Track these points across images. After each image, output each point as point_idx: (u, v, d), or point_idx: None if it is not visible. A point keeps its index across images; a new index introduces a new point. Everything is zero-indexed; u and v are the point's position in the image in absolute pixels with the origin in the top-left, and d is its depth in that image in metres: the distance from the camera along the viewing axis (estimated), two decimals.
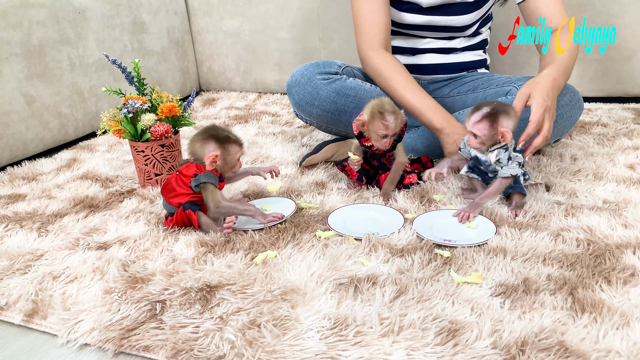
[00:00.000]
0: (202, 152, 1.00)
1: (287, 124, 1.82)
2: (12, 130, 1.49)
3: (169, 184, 1.02)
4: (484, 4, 1.34)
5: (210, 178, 0.99)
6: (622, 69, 1.80)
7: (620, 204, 1.05)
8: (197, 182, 0.99)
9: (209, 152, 0.99)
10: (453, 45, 1.41)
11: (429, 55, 1.42)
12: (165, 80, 2.14)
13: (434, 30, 1.37)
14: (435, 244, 0.93)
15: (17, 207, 1.18)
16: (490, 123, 1.00)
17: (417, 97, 1.26)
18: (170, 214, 1.03)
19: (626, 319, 0.71)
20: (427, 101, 1.25)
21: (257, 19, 2.21)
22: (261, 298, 0.80)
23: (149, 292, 0.83)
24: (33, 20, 1.54)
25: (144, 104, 1.21)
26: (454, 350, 0.67)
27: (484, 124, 1.00)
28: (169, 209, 1.03)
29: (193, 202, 1.01)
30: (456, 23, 1.34)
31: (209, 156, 0.99)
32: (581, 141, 1.45)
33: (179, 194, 1.00)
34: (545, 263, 0.86)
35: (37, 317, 0.80)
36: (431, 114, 1.24)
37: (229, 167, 1.03)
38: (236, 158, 1.03)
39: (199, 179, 0.99)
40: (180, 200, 1.00)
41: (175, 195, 1.01)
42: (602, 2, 1.73)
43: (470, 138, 1.04)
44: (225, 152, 1.01)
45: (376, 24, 1.31)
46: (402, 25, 1.38)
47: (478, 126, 1.01)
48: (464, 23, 1.34)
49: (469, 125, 1.02)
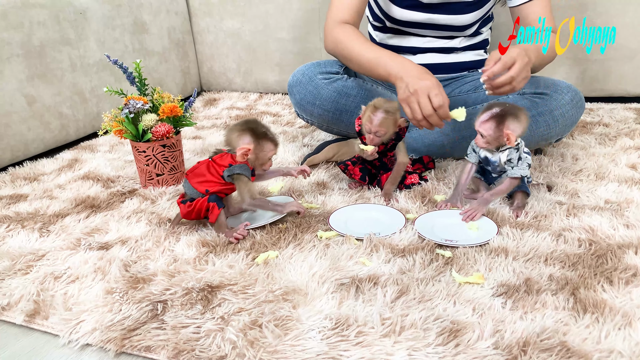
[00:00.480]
0: (237, 142, 1.00)
1: (288, 124, 1.82)
2: (13, 130, 1.49)
3: (198, 169, 1.01)
4: (484, 3, 1.34)
5: (245, 170, 1.00)
6: (623, 69, 1.80)
7: (622, 204, 1.05)
8: (230, 173, 0.99)
9: (243, 144, 0.99)
10: (453, 45, 1.41)
11: (429, 55, 1.42)
12: (166, 81, 2.14)
13: (434, 29, 1.37)
14: (436, 244, 0.93)
15: (19, 208, 1.18)
16: (496, 124, 1.00)
17: (373, 51, 1.20)
18: (192, 198, 1.01)
19: (628, 319, 0.71)
20: (383, 51, 1.19)
21: (258, 19, 2.21)
22: (262, 298, 0.80)
23: (150, 292, 0.83)
24: (34, 20, 1.54)
25: (145, 105, 1.21)
26: (456, 350, 0.67)
27: (490, 124, 1.00)
28: (192, 193, 1.01)
29: (219, 198, 1.00)
30: (457, 22, 1.34)
31: (242, 148, 0.99)
32: (583, 141, 1.45)
33: (208, 180, 1.00)
34: (547, 263, 0.86)
35: (39, 318, 0.80)
36: (386, 61, 1.15)
37: (260, 163, 1.03)
38: (268, 156, 1.03)
39: (233, 169, 0.99)
40: (209, 187, 1.00)
41: (204, 181, 1.00)
42: (603, 2, 1.73)
43: (478, 137, 1.04)
44: (258, 148, 1.01)
45: (348, 3, 1.29)
46: (403, 23, 1.37)
47: (484, 126, 1.01)
48: (464, 22, 1.34)
49: (477, 124, 1.03)
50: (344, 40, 1.25)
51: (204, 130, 1.79)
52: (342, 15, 1.28)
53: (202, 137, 1.69)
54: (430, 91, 1.05)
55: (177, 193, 1.22)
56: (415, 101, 1.06)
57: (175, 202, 1.17)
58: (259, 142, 1.00)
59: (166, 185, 1.26)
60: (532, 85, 1.26)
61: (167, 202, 1.17)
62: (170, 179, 1.27)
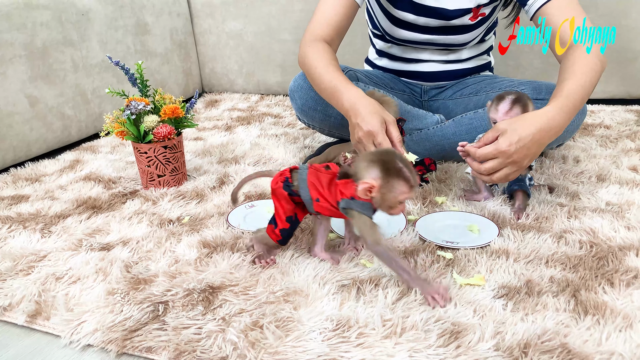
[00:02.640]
0: (363, 174, 0.80)
1: (289, 125, 1.82)
2: (15, 131, 1.49)
3: (323, 175, 0.84)
4: (484, 22, 1.31)
5: (367, 210, 0.81)
6: (625, 71, 1.80)
7: (623, 206, 1.05)
8: (348, 207, 0.81)
9: (369, 178, 0.79)
10: (456, 57, 1.40)
11: (433, 64, 1.41)
12: (168, 82, 2.14)
13: (435, 46, 1.36)
14: (437, 245, 0.93)
15: (21, 208, 1.19)
16: (522, 108, 0.99)
17: (331, 79, 1.10)
18: (295, 193, 0.86)
19: (629, 321, 0.71)
20: (339, 80, 1.09)
21: (260, 21, 2.22)
22: (264, 299, 0.80)
23: (151, 293, 0.83)
24: (37, 22, 1.54)
25: (147, 106, 1.21)
26: (457, 352, 0.67)
27: (516, 110, 1.00)
28: (302, 188, 0.85)
29: (296, 222, 0.88)
30: (457, 41, 1.33)
31: (365, 182, 0.79)
32: (584, 143, 1.45)
33: (323, 195, 0.83)
34: (547, 265, 0.86)
35: (40, 318, 0.80)
36: (339, 96, 1.07)
37: (387, 206, 0.81)
38: (399, 199, 0.80)
39: (354, 206, 0.80)
40: (319, 198, 0.83)
41: (320, 192, 0.83)
42: (605, 4, 1.73)
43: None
44: (386, 187, 0.79)
45: (328, 20, 1.21)
46: (402, 41, 1.37)
47: (511, 113, 1.00)
48: (464, 41, 1.33)
49: (499, 116, 1.01)
50: (309, 59, 1.17)
51: (205, 131, 1.79)
52: (320, 31, 1.22)
53: (203, 139, 1.69)
54: (375, 138, 0.98)
55: (178, 194, 1.22)
56: (363, 148, 1.01)
57: (176, 203, 1.17)
58: (389, 180, 0.78)
59: (167, 186, 1.27)
60: (534, 90, 1.25)
61: (168, 204, 1.17)
62: (172, 180, 1.27)
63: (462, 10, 1.25)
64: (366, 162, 0.80)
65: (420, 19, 1.28)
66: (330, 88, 1.09)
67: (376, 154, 0.82)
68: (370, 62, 1.53)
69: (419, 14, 1.27)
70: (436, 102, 1.45)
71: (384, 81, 1.43)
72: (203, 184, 1.28)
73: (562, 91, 0.97)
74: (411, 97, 1.46)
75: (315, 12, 1.24)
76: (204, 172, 1.37)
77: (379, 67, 1.49)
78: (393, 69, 1.46)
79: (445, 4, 1.25)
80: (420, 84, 1.46)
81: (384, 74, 1.46)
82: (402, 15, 1.29)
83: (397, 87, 1.45)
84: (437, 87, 1.46)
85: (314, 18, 1.23)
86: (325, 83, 1.11)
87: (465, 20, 1.27)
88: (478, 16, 1.27)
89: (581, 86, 0.98)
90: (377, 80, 1.42)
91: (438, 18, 1.27)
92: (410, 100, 1.44)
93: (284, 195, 0.86)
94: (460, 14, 1.26)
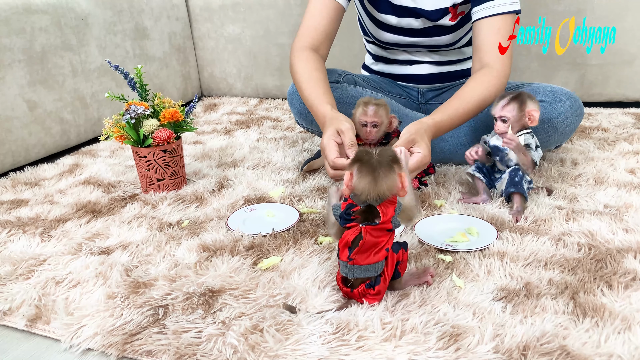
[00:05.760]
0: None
1: (288, 129, 1.82)
2: (14, 136, 1.49)
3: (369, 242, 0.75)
4: (464, 23, 1.31)
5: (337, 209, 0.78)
6: (622, 74, 1.81)
7: (621, 209, 1.06)
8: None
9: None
10: (449, 59, 1.41)
11: (426, 66, 1.42)
12: (167, 86, 2.15)
13: (423, 48, 1.37)
14: (437, 248, 0.94)
15: (20, 213, 1.19)
16: (518, 104, 1.05)
17: (310, 90, 1.15)
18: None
19: (627, 324, 0.71)
20: (315, 94, 1.13)
21: (258, 25, 2.22)
22: (264, 303, 0.80)
23: (151, 297, 0.83)
24: (36, 26, 1.54)
25: (146, 110, 1.22)
26: (456, 354, 0.68)
27: (512, 105, 1.05)
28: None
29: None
30: (441, 42, 1.34)
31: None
32: (582, 146, 1.46)
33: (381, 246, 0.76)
34: (546, 267, 0.86)
35: (40, 322, 0.80)
36: (316, 110, 1.11)
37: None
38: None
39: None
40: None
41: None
42: (602, 6, 1.74)
43: (498, 124, 1.07)
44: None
45: (315, 25, 1.25)
46: (391, 44, 1.38)
47: (507, 108, 1.06)
48: (449, 41, 1.34)
49: (497, 111, 1.07)
50: (294, 68, 1.23)
51: (204, 135, 1.79)
52: (309, 39, 1.25)
53: (202, 142, 1.70)
54: (324, 152, 1.00)
55: (177, 198, 1.22)
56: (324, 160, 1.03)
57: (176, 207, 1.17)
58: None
59: (167, 190, 1.27)
60: (532, 92, 1.26)
61: (167, 207, 1.17)
62: (171, 184, 1.27)
63: (440, 10, 1.26)
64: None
65: (403, 21, 1.29)
66: (310, 101, 1.15)
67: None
68: (367, 68, 1.54)
69: (400, 15, 1.29)
70: (434, 105, 1.45)
71: (381, 85, 1.44)
72: (202, 188, 1.28)
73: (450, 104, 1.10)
74: (408, 100, 1.46)
75: (304, 15, 1.29)
76: (203, 175, 1.38)
77: (376, 72, 1.50)
78: (389, 72, 1.47)
79: (422, 4, 1.26)
80: (416, 87, 1.46)
81: (381, 79, 1.47)
82: (385, 18, 1.30)
83: (394, 90, 1.45)
84: (433, 89, 1.46)
85: (303, 22, 1.28)
86: (305, 96, 1.17)
87: (446, 21, 1.28)
88: (458, 15, 1.28)
89: (473, 104, 1.11)
90: (375, 85, 1.43)
91: (419, 19, 1.28)
92: (407, 104, 1.45)
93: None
94: (439, 14, 1.27)
